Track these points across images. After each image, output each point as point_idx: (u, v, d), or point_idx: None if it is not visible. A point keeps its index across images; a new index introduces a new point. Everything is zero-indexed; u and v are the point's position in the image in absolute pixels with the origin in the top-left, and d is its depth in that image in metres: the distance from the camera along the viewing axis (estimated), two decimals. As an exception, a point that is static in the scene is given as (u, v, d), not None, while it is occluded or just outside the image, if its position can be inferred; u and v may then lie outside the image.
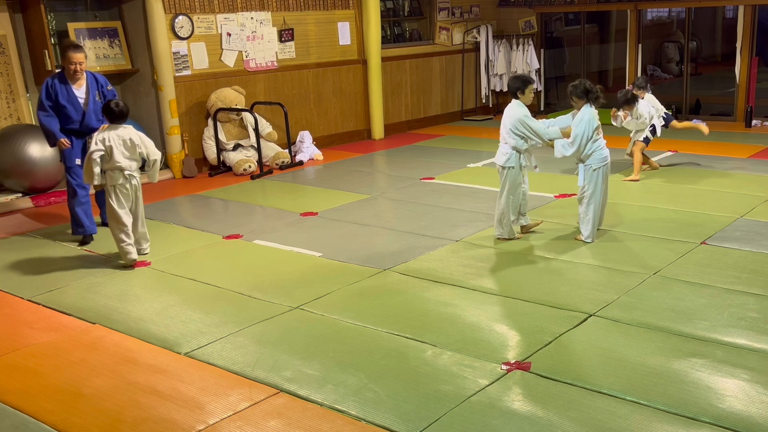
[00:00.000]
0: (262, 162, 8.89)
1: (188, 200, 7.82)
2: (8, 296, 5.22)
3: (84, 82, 6.17)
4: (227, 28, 9.23)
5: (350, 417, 3.44)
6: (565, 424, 3.28)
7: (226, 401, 3.63)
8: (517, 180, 5.76)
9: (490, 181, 7.79)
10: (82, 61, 6.07)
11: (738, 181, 7.44)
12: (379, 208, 7.09)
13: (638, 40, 11.71)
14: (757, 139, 9.69)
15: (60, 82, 6.09)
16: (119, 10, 8.87)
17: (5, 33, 7.99)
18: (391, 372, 3.82)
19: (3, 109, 8.05)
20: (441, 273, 5.22)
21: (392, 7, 11.78)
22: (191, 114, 9.03)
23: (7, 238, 6.62)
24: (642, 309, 4.45)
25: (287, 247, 5.95)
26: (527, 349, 4.00)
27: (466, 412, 3.41)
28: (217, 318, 4.62)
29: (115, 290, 5.19)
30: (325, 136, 10.43)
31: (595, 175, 5.72)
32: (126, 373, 3.98)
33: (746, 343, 3.96)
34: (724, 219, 6.14)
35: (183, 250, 6.03)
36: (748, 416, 3.28)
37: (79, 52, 6.07)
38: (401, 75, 11.44)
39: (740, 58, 10.77)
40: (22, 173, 7.71)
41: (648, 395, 3.48)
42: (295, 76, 10.01)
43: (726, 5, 12.08)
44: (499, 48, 12.26)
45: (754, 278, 4.85)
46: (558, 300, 4.64)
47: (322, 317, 4.56)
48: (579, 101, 5.82)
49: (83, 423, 3.50)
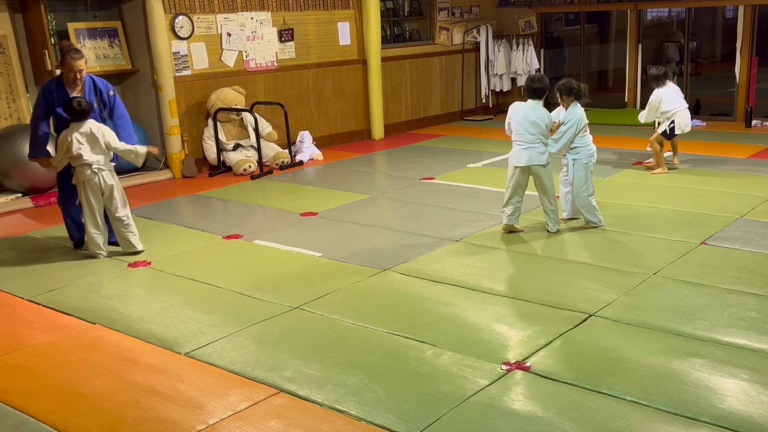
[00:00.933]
0: (262, 162, 8.89)
1: (188, 200, 7.82)
2: (8, 296, 5.22)
3: (82, 87, 5.79)
4: (227, 28, 9.23)
5: (350, 417, 3.44)
6: (565, 424, 3.28)
7: (226, 401, 3.63)
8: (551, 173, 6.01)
9: (490, 181, 7.80)
10: (82, 69, 5.69)
11: (738, 181, 7.44)
12: (379, 208, 7.09)
13: (638, 40, 11.72)
14: (757, 139, 9.69)
15: (57, 86, 5.74)
16: (119, 10, 8.87)
17: (5, 33, 7.99)
18: (391, 372, 3.82)
19: (3, 109, 8.05)
20: (441, 273, 5.22)
21: (392, 7, 11.78)
22: (191, 114, 9.03)
23: (7, 237, 6.62)
24: (642, 309, 4.45)
25: (287, 247, 5.95)
26: (527, 349, 4.00)
27: (466, 412, 3.41)
28: (217, 318, 4.62)
29: (115, 290, 5.19)
30: (325, 136, 10.43)
31: (584, 168, 5.99)
32: (126, 373, 3.98)
33: (746, 343, 3.96)
34: (724, 219, 6.14)
35: (183, 250, 6.03)
36: (748, 416, 3.28)
37: (79, 59, 5.66)
38: (401, 75, 11.44)
39: (740, 58, 10.77)
40: (22, 173, 7.71)
41: (648, 395, 3.48)
42: (295, 76, 10.01)
43: (726, 5, 12.08)
44: (499, 48, 12.27)
45: (754, 278, 4.85)
46: (558, 300, 4.64)
47: (322, 317, 4.56)
48: (567, 99, 6.04)
49: (83, 423, 3.50)
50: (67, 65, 5.65)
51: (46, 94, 5.76)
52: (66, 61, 5.65)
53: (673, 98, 7.87)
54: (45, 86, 5.81)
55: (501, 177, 7.75)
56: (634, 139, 9.86)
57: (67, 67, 5.66)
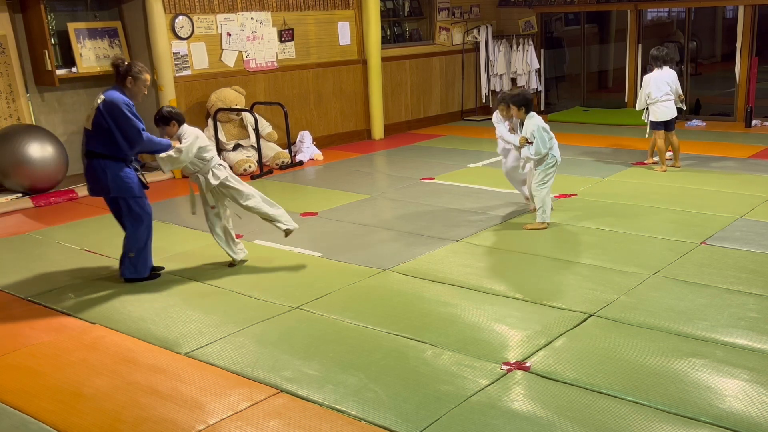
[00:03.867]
0: (262, 162, 8.89)
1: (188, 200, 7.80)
2: (8, 296, 5.22)
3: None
4: (227, 28, 9.23)
5: (350, 417, 3.44)
6: (565, 424, 3.28)
7: (226, 401, 3.63)
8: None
9: (490, 181, 7.79)
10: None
11: (738, 181, 7.44)
12: (379, 208, 7.09)
13: (638, 40, 11.72)
14: (757, 139, 9.69)
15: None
16: (119, 10, 8.87)
17: (5, 33, 7.99)
18: (391, 372, 3.82)
19: (3, 109, 8.05)
20: (441, 273, 5.21)
21: (392, 7, 11.78)
22: (191, 114, 9.02)
23: (7, 238, 6.62)
24: (642, 309, 4.45)
25: (287, 247, 5.95)
26: (527, 349, 4.00)
27: (466, 412, 3.41)
28: (217, 318, 4.62)
29: (115, 290, 5.19)
30: (325, 136, 10.43)
31: (554, 169, 6.16)
32: (126, 373, 3.98)
33: (746, 343, 3.96)
34: (724, 219, 6.14)
35: (183, 250, 6.03)
36: (748, 416, 3.28)
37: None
38: (401, 75, 11.44)
39: (740, 58, 10.77)
40: (22, 173, 7.71)
41: (648, 395, 3.48)
42: (295, 76, 10.02)
43: (726, 5, 12.08)
44: (499, 48, 12.27)
45: (754, 278, 4.85)
46: (558, 300, 4.64)
47: (322, 317, 4.56)
48: (519, 111, 6.20)
49: (83, 423, 3.50)
50: (143, 81, 5.19)
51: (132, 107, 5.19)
52: (142, 79, 5.18)
53: (658, 85, 7.73)
54: (128, 101, 5.15)
55: (501, 177, 7.75)
56: (634, 139, 9.85)
57: (142, 83, 5.19)
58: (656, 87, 7.78)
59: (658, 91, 7.77)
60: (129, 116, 5.03)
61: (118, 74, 5.15)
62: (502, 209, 6.74)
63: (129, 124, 5.04)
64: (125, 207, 5.21)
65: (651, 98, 7.79)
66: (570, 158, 8.65)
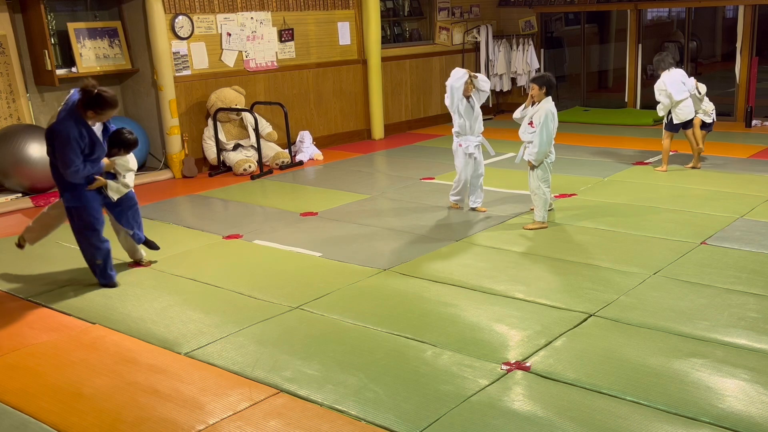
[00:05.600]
0: (262, 162, 8.89)
1: (188, 200, 7.82)
2: (8, 296, 5.22)
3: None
4: (227, 28, 9.23)
5: (350, 417, 3.44)
6: (565, 424, 3.28)
7: (226, 401, 3.63)
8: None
9: (490, 181, 7.79)
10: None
11: (738, 181, 7.44)
12: (379, 208, 7.09)
13: (638, 40, 11.72)
14: (757, 139, 9.69)
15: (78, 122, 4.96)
16: (119, 10, 8.87)
17: (5, 33, 7.99)
18: (391, 372, 3.82)
19: (3, 109, 8.05)
20: (441, 273, 5.21)
21: (392, 7, 11.78)
22: (191, 114, 9.03)
23: (7, 238, 6.62)
24: (642, 309, 4.45)
25: (287, 247, 5.95)
26: (527, 349, 4.00)
27: (466, 412, 3.41)
28: (217, 318, 4.62)
29: (115, 290, 5.19)
30: (325, 136, 10.43)
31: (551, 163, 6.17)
32: (126, 373, 3.98)
33: (746, 343, 3.96)
34: (724, 219, 6.14)
35: (183, 250, 6.03)
36: (748, 416, 3.28)
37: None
38: (401, 75, 11.44)
39: (740, 58, 10.77)
40: (22, 173, 7.71)
41: (648, 395, 3.48)
42: (295, 76, 10.02)
43: (726, 5, 12.08)
44: (499, 48, 12.26)
45: (754, 278, 4.85)
46: (558, 300, 4.64)
47: (322, 317, 4.56)
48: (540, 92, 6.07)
49: (83, 423, 3.50)
50: (105, 117, 5.02)
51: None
52: (105, 116, 5.00)
53: (676, 87, 7.66)
54: (75, 135, 4.92)
55: (501, 177, 7.75)
56: (634, 139, 9.86)
57: (104, 117, 5.03)
58: (676, 90, 7.67)
59: (679, 94, 7.68)
60: (66, 151, 4.86)
61: (83, 100, 4.87)
62: (502, 209, 6.74)
63: (64, 153, 4.89)
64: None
65: (674, 101, 7.70)
66: (570, 158, 8.65)
